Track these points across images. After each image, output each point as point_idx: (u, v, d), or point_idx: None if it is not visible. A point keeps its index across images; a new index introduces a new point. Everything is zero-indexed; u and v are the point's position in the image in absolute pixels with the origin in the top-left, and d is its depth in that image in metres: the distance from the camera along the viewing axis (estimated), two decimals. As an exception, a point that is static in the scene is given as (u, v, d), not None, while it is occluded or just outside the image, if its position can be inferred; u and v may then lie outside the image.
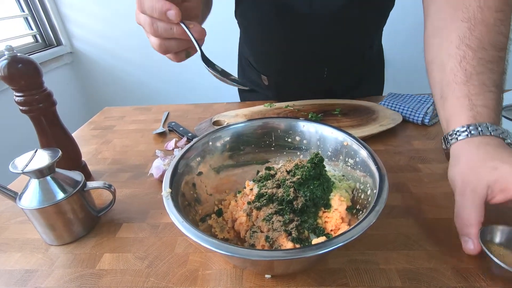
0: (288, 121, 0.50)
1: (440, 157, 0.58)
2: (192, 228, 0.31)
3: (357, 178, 0.43)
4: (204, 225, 0.42)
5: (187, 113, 0.86)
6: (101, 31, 1.87)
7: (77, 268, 0.41)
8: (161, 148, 0.69)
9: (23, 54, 0.48)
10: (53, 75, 1.83)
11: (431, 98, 0.72)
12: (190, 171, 0.43)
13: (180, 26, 0.37)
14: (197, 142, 0.46)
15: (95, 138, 0.76)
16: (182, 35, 0.37)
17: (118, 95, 2.09)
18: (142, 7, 0.36)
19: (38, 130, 0.52)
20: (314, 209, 0.40)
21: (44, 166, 0.41)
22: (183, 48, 0.40)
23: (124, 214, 0.50)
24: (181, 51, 0.41)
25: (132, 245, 0.44)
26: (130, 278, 0.39)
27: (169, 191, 0.36)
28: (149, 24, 0.37)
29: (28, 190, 0.42)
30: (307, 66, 0.77)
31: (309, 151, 0.50)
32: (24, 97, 0.48)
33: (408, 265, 0.38)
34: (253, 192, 0.43)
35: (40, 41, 1.82)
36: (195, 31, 0.37)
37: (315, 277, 0.37)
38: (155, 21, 0.36)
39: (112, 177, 0.60)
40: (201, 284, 0.37)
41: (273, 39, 0.73)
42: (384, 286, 0.35)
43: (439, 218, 0.44)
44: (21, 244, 0.45)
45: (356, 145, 0.43)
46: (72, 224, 0.44)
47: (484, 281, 0.35)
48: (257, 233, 0.38)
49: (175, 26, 0.37)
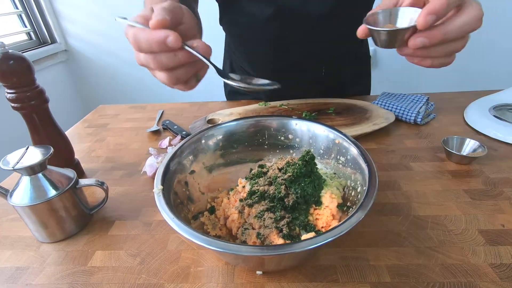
0: (281, 120, 0.51)
1: (431, 156, 0.59)
2: (183, 225, 0.31)
3: (348, 176, 0.43)
4: (196, 222, 0.42)
5: (181, 111, 0.86)
6: (96, 28, 1.86)
7: (69, 265, 0.41)
8: (155, 146, 0.69)
9: (15, 51, 0.48)
10: (47, 73, 1.82)
11: (423, 98, 0.73)
12: (182, 170, 0.44)
13: (184, 50, 0.34)
14: (189, 140, 0.46)
15: (89, 136, 0.76)
16: (188, 59, 0.35)
17: (112, 93, 2.07)
18: (139, 46, 0.34)
19: (30, 127, 0.52)
20: (305, 206, 0.40)
21: (35, 163, 0.41)
22: (192, 73, 0.38)
23: (117, 212, 0.50)
24: (190, 77, 0.38)
25: (124, 243, 0.44)
26: (121, 275, 0.39)
27: (160, 188, 0.36)
28: (151, 60, 0.35)
29: (20, 187, 0.42)
30: (305, 67, 0.77)
31: (302, 149, 0.50)
32: (16, 94, 0.48)
33: (398, 261, 0.38)
34: (245, 189, 0.44)
35: (34, 38, 1.80)
36: (200, 48, 0.35)
37: (306, 274, 0.37)
38: (156, 55, 0.34)
39: (105, 175, 0.60)
40: (193, 280, 0.38)
41: (268, 43, 0.73)
42: (373, 282, 0.36)
43: (429, 215, 0.45)
44: (12, 242, 0.45)
45: (347, 143, 0.43)
46: (64, 222, 0.44)
47: (471, 277, 0.36)
48: (248, 230, 0.39)
49: (179, 52, 0.34)
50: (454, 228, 0.42)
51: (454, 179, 0.52)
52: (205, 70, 0.40)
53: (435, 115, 0.73)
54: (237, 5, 0.69)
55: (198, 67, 0.38)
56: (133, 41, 0.34)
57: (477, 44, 1.72)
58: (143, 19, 0.36)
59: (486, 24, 1.44)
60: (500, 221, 0.43)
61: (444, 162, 0.57)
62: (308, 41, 0.70)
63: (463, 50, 0.34)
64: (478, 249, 0.39)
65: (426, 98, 0.73)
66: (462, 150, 0.57)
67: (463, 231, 0.42)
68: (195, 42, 0.35)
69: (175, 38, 0.32)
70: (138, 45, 0.34)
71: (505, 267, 0.36)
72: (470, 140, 0.57)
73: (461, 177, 0.53)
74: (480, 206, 0.46)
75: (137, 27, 0.34)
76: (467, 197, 0.48)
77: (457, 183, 0.51)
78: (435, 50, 0.33)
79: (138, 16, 0.36)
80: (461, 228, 0.42)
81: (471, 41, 0.34)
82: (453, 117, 0.72)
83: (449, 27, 0.31)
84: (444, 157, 0.58)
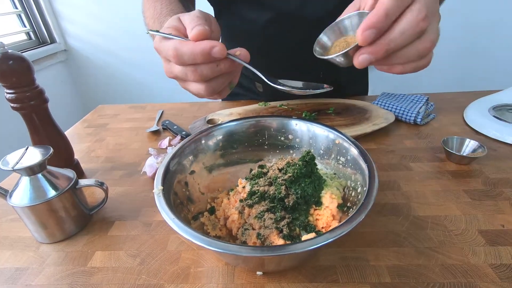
0: (281, 120, 0.51)
1: (431, 156, 0.59)
2: (183, 225, 0.31)
3: (348, 176, 0.43)
4: (196, 223, 0.42)
5: (181, 111, 0.86)
6: (95, 28, 1.86)
7: (68, 266, 0.41)
8: (155, 146, 0.69)
9: (14, 51, 0.48)
10: (47, 72, 1.82)
11: (423, 98, 0.73)
12: (182, 170, 0.44)
13: (226, 60, 0.34)
14: (189, 140, 0.46)
15: (89, 136, 0.76)
16: (230, 68, 0.34)
17: (112, 93, 2.07)
18: (180, 60, 0.33)
19: (29, 127, 0.52)
20: (305, 207, 0.40)
21: (35, 163, 0.41)
22: (228, 81, 0.37)
23: (117, 212, 0.50)
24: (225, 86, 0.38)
25: (124, 243, 0.44)
26: (121, 276, 0.39)
27: (160, 189, 0.36)
28: (191, 72, 0.33)
29: (19, 187, 0.42)
30: (303, 71, 0.77)
31: (302, 150, 0.50)
32: (15, 94, 0.48)
33: (398, 261, 0.38)
34: (245, 190, 0.44)
35: (33, 38, 1.80)
36: (243, 56, 0.34)
37: (306, 274, 0.37)
38: (198, 67, 0.33)
39: (105, 175, 0.60)
40: (193, 281, 0.37)
41: (264, 47, 0.73)
42: (373, 282, 0.36)
43: (428, 215, 0.45)
44: (11, 242, 0.45)
45: (348, 143, 0.43)
46: (63, 222, 0.44)
47: (471, 277, 0.36)
48: (249, 230, 0.39)
49: (221, 62, 0.33)
50: (454, 229, 0.42)
51: (454, 179, 0.52)
52: (237, 78, 0.39)
53: (435, 115, 0.73)
54: (233, 9, 0.69)
55: (233, 75, 0.37)
56: (173, 54, 0.33)
57: (477, 44, 1.73)
58: (175, 31, 0.35)
59: (486, 24, 1.45)
60: (500, 222, 0.43)
61: (444, 163, 0.57)
62: (305, 46, 0.70)
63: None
64: (478, 249, 0.39)
65: (426, 98, 0.73)
66: (462, 150, 0.57)
67: (463, 232, 0.42)
68: (238, 50, 0.34)
69: (221, 48, 0.32)
70: (179, 58, 0.33)
71: (505, 268, 0.36)
72: (470, 140, 0.57)
73: (461, 177, 0.53)
74: (480, 207, 0.46)
75: (175, 39, 0.33)
76: (467, 197, 0.48)
77: (457, 184, 0.51)
78: (396, 58, 0.31)
79: (169, 28, 0.35)
80: (461, 228, 0.42)
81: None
82: (453, 117, 0.72)
83: (391, 35, 0.29)
84: (444, 157, 0.58)
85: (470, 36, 1.67)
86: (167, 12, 0.47)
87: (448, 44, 1.71)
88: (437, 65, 1.98)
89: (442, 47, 2.02)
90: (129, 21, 1.73)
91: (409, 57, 0.30)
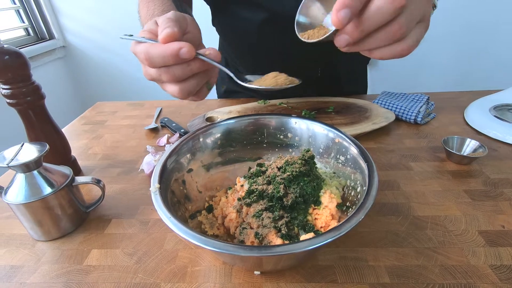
0: (280, 118, 0.50)
1: (431, 156, 0.58)
2: (179, 224, 0.30)
3: (347, 175, 0.43)
4: (194, 221, 0.42)
5: (180, 109, 0.85)
6: (94, 25, 1.84)
7: (64, 264, 0.40)
8: (153, 144, 0.68)
9: (11, 46, 0.47)
10: (45, 69, 1.80)
11: (424, 97, 0.72)
12: (180, 168, 0.43)
13: (197, 60, 0.34)
14: (187, 138, 0.45)
15: (86, 133, 0.75)
16: (201, 68, 0.35)
17: (110, 90, 2.06)
18: (151, 62, 0.33)
19: (26, 123, 0.51)
20: (304, 206, 0.39)
21: (30, 160, 0.40)
22: (203, 82, 0.38)
23: (114, 210, 0.49)
24: (202, 87, 0.38)
25: (120, 241, 0.43)
26: (118, 274, 0.38)
27: (157, 187, 0.36)
28: (164, 74, 0.34)
29: (14, 184, 0.42)
30: (300, 69, 0.77)
31: (301, 148, 0.49)
32: (11, 90, 0.47)
33: (397, 262, 0.38)
34: (243, 188, 0.43)
35: (32, 34, 1.78)
36: (213, 56, 0.35)
37: (304, 274, 0.37)
38: (169, 68, 0.34)
39: (102, 173, 0.59)
40: (190, 280, 0.37)
41: (261, 47, 0.72)
42: (372, 283, 0.35)
43: (428, 215, 0.44)
44: (6, 240, 0.45)
45: (347, 142, 0.43)
46: (59, 220, 0.44)
47: (471, 278, 0.35)
48: (246, 229, 0.38)
49: (192, 62, 0.34)
50: (454, 229, 0.42)
51: (454, 179, 0.52)
52: (215, 78, 0.39)
53: (435, 115, 0.73)
54: (229, 9, 0.68)
55: (209, 75, 0.38)
56: (144, 57, 0.33)
57: (478, 43, 1.72)
58: (150, 34, 0.35)
59: (487, 24, 1.45)
60: (500, 222, 0.43)
61: (444, 162, 0.56)
62: (301, 46, 0.70)
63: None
64: (478, 250, 0.39)
65: (426, 97, 0.72)
66: (462, 150, 0.57)
67: (463, 232, 0.41)
68: (207, 50, 0.35)
69: (189, 49, 0.32)
70: (150, 61, 0.33)
71: (505, 269, 0.36)
72: (471, 140, 0.57)
73: (461, 177, 0.52)
74: (480, 207, 0.46)
75: (147, 42, 0.34)
76: (467, 197, 0.48)
77: (457, 184, 0.51)
78: (374, 40, 0.30)
79: (144, 32, 0.36)
80: (461, 228, 0.42)
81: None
82: (453, 117, 0.72)
83: (365, 15, 0.28)
84: (444, 157, 0.58)
85: (471, 35, 1.67)
86: (158, 13, 0.47)
87: (449, 43, 1.71)
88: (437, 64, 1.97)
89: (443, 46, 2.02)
90: (128, 18, 1.72)
91: (387, 39, 0.29)
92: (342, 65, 0.82)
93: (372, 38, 0.30)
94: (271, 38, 0.69)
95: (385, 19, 0.28)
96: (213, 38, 0.89)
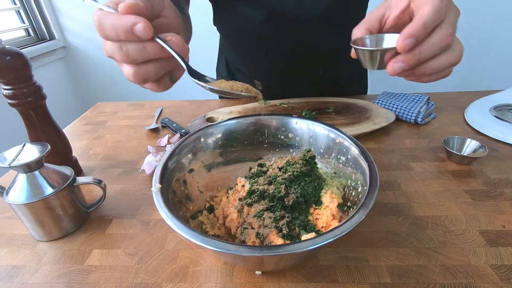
0: (281, 118, 0.50)
1: (432, 156, 0.58)
2: (181, 224, 0.30)
3: (348, 175, 0.43)
4: (195, 221, 0.42)
5: (181, 109, 0.85)
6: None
7: (65, 264, 0.40)
8: (154, 144, 0.68)
9: (12, 47, 0.47)
10: (46, 69, 1.80)
11: (424, 98, 0.72)
12: (181, 168, 0.43)
13: (155, 43, 0.30)
14: (188, 138, 0.46)
15: (87, 134, 0.75)
16: (159, 54, 0.31)
17: (111, 90, 2.06)
18: (103, 32, 0.30)
19: (27, 124, 0.51)
20: (305, 206, 0.40)
21: (32, 160, 0.41)
22: (164, 71, 0.34)
23: (115, 210, 0.49)
24: (163, 76, 0.34)
25: (122, 241, 0.43)
26: (119, 274, 0.38)
27: (159, 187, 0.36)
28: (118, 51, 0.30)
29: (16, 185, 0.42)
30: (302, 68, 0.77)
31: (302, 148, 0.49)
32: (13, 91, 0.47)
33: (398, 262, 0.38)
34: (244, 188, 0.43)
35: (32, 35, 1.78)
36: (174, 43, 0.31)
37: (305, 274, 0.37)
38: (123, 44, 0.30)
39: (103, 173, 0.59)
40: (191, 280, 0.37)
41: (262, 45, 0.72)
42: (373, 283, 0.36)
43: (429, 215, 0.44)
44: (8, 240, 0.45)
45: (348, 142, 0.43)
46: (61, 220, 0.44)
47: (472, 278, 0.35)
48: (248, 229, 0.38)
49: (148, 44, 0.30)
50: (454, 229, 0.42)
51: (455, 179, 0.52)
52: (181, 71, 0.35)
53: (436, 115, 0.73)
54: (230, 7, 0.68)
55: (172, 65, 0.34)
56: (97, 24, 0.30)
57: (478, 44, 1.72)
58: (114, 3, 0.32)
59: (487, 24, 1.45)
60: (500, 222, 0.43)
61: (445, 162, 0.56)
62: (303, 44, 0.70)
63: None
64: (478, 250, 0.39)
65: (426, 97, 0.72)
66: (462, 150, 0.57)
67: (464, 232, 0.42)
68: (169, 36, 0.31)
69: (144, 26, 0.28)
70: (103, 31, 0.30)
71: (506, 268, 0.36)
72: (471, 140, 0.57)
73: (461, 177, 0.52)
74: (481, 207, 0.46)
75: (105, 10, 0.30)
76: (467, 197, 0.48)
77: (457, 184, 0.51)
78: (424, 69, 0.34)
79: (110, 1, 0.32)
80: (462, 228, 0.42)
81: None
82: (453, 117, 0.72)
83: (423, 46, 0.32)
84: (445, 157, 0.58)
85: (471, 36, 1.67)
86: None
87: (449, 43, 1.70)
88: (437, 64, 1.96)
89: (443, 46, 1.99)
90: (129, 18, 1.72)
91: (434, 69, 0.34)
92: (342, 66, 0.82)
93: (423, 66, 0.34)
94: (272, 38, 0.69)
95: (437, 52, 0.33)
96: (213, 38, 0.89)
